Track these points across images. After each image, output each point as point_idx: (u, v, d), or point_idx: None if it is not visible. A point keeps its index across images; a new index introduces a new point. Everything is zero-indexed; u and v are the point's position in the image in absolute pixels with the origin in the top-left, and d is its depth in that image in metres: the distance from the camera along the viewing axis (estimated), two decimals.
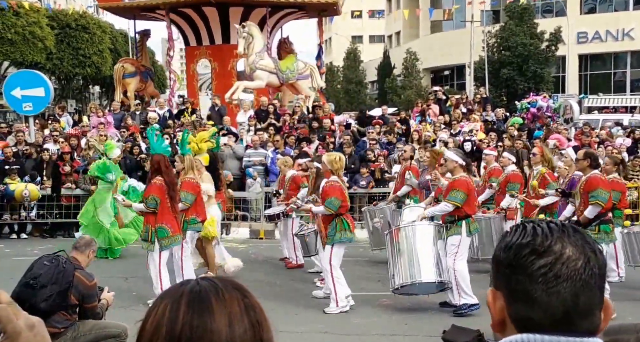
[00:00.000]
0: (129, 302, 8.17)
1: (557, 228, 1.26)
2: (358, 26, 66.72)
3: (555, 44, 38.00)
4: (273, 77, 18.14)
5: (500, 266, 1.28)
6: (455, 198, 7.60)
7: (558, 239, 1.24)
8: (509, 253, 1.26)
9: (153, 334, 1.14)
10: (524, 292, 1.23)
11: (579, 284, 1.21)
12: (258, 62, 17.75)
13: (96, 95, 47.00)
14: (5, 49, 29.77)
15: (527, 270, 1.23)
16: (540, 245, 1.24)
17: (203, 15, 19.89)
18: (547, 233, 1.25)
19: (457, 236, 7.68)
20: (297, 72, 18.54)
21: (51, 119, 16.85)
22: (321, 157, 8.37)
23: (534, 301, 1.22)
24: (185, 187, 8.29)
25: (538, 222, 1.29)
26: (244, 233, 13.71)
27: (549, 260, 1.22)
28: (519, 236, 1.27)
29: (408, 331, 7.15)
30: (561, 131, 16.25)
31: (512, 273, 1.25)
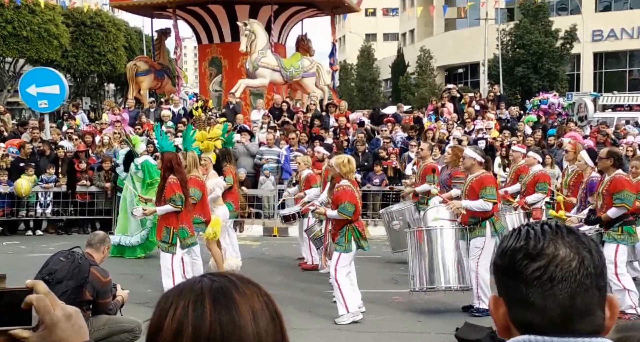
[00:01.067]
0: (144, 299, 8.21)
1: (551, 230, 1.26)
2: (372, 24, 66.59)
3: (570, 42, 37.76)
4: (277, 75, 18.10)
5: (498, 272, 1.28)
6: (492, 195, 7.38)
7: (551, 241, 1.23)
8: (505, 259, 1.26)
9: (176, 333, 1.10)
10: (521, 296, 1.23)
11: (575, 285, 1.21)
12: (260, 59, 17.74)
13: (111, 93, 47.25)
14: (20, 46, 29.99)
15: (521, 275, 1.23)
16: (533, 248, 1.23)
17: (211, 13, 19.98)
18: (539, 236, 1.24)
19: (482, 237, 7.41)
20: (302, 70, 18.46)
21: (66, 116, 16.98)
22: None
23: (532, 305, 1.22)
24: (192, 184, 8.11)
25: (533, 225, 1.29)
26: (257, 231, 13.76)
27: (542, 263, 1.22)
28: (514, 240, 1.27)
29: (421, 329, 7.14)
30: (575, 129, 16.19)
31: (509, 279, 1.25)
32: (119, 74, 37.32)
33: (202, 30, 20.76)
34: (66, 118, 16.85)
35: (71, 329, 1.21)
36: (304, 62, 18.72)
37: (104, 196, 13.51)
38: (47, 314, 1.19)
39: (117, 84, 43.60)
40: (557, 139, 15.12)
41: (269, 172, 14.43)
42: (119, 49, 36.69)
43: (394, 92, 50.52)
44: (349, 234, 7.26)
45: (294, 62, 18.59)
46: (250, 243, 12.47)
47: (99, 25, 35.29)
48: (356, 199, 7.34)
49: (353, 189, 7.37)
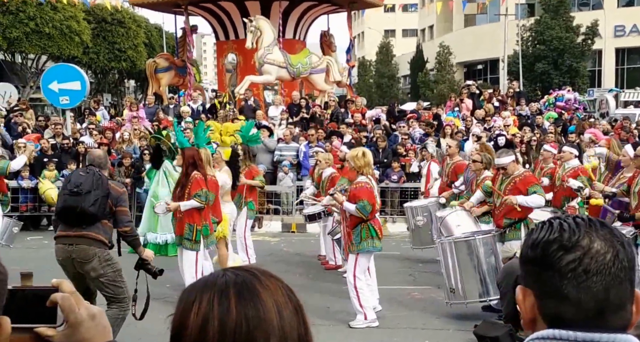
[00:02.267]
0: (162, 295, 8.28)
1: (585, 223, 1.25)
2: (391, 20, 66.29)
3: (592, 37, 37.36)
4: (283, 71, 18.02)
5: (528, 263, 1.27)
6: (541, 190, 7.20)
7: (586, 233, 1.23)
8: (537, 250, 1.25)
9: (202, 328, 1.10)
10: (554, 288, 1.22)
11: (609, 278, 1.21)
12: (266, 56, 17.69)
13: (131, 90, 47.61)
14: (43, 43, 30.31)
15: (555, 266, 1.22)
16: (568, 240, 1.23)
17: (224, 9, 20.04)
18: (574, 228, 1.24)
19: (517, 241, 7.16)
20: (310, 66, 18.33)
21: (87, 112, 17.14)
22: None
23: (565, 297, 1.21)
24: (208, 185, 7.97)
25: (564, 218, 1.29)
26: (275, 227, 13.80)
27: (578, 255, 1.22)
28: (546, 233, 1.26)
29: (439, 325, 7.13)
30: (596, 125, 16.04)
31: (541, 270, 1.24)
32: (139, 70, 37.55)
33: (218, 26, 20.87)
34: (87, 114, 17.01)
35: (95, 329, 1.22)
36: (312, 58, 18.53)
37: None
38: (71, 313, 1.20)
39: (137, 81, 43.93)
40: (577, 135, 14.99)
41: (287, 168, 14.46)
42: (139, 46, 36.95)
43: (412, 89, 50.37)
44: (364, 232, 6.98)
45: (301, 59, 18.44)
46: (269, 239, 12.52)
47: (119, 22, 35.56)
48: (374, 198, 6.99)
49: (372, 186, 7.03)
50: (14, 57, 33.35)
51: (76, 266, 5.75)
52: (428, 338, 6.71)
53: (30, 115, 16.87)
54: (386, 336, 6.81)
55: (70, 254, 5.68)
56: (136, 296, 5.71)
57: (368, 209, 6.85)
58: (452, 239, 7.38)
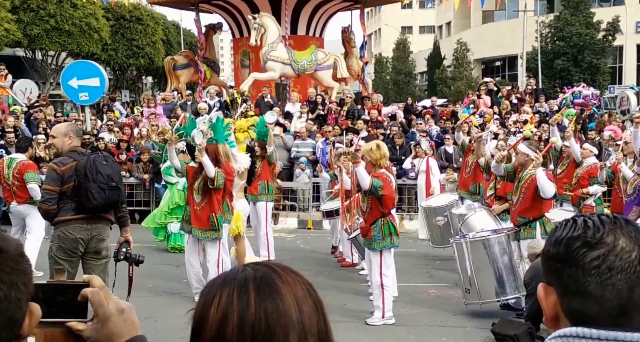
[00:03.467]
0: (180, 290, 8.34)
1: (609, 220, 1.24)
2: (408, 16, 66.05)
3: (613, 33, 36.95)
4: (287, 68, 18.02)
5: (551, 260, 1.26)
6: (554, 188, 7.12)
7: (610, 231, 1.21)
8: (560, 247, 1.24)
9: (221, 322, 1.12)
10: (577, 285, 1.21)
11: (634, 276, 1.19)
12: (269, 53, 17.73)
13: (148, 86, 47.87)
14: (62, 40, 30.59)
15: (579, 263, 1.21)
16: (592, 237, 1.21)
17: (235, 7, 20.09)
18: (598, 225, 1.23)
19: (532, 240, 7.11)
20: (315, 63, 18.26)
21: (106, 108, 17.27)
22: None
23: (588, 294, 1.20)
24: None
25: (589, 215, 1.27)
26: (292, 223, 13.82)
27: (602, 252, 1.20)
28: (570, 230, 1.24)
29: (457, 323, 7.10)
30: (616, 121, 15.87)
31: (564, 267, 1.22)
32: (156, 67, 37.75)
33: (233, 24, 20.97)
34: (106, 110, 17.14)
35: (123, 323, 1.25)
36: (317, 55, 18.44)
37: (142, 187, 13.72)
38: (100, 308, 1.23)
39: (154, 77, 44.15)
40: (597, 132, 14.86)
41: (304, 165, 14.47)
42: (157, 43, 37.13)
43: (429, 86, 50.13)
44: (385, 228, 6.90)
45: (306, 55, 18.40)
46: (285, 236, 12.54)
47: (137, 19, 35.77)
48: (392, 189, 6.87)
49: (391, 180, 6.92)
50: (34, 54, 33.67)
51: (95, 243, 5.89)
52: (445, 336, 6.69)
53: (50, 111, 17.02)
54: (403, 333, 6.79)
55: (91, 231, 5.85)
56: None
57: (380, 192, 6.71)
58: (467, 239, 7.32)
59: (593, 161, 9.38)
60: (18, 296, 1.14)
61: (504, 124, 15.80)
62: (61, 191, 5.69)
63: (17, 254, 1.16)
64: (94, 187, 5.66)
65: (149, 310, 7.36)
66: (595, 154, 9.54)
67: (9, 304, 1.12)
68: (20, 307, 1.15)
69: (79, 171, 5.67)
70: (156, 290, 8.30)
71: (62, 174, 5.68)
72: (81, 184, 5.66)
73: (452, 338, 6.58)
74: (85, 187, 5.65)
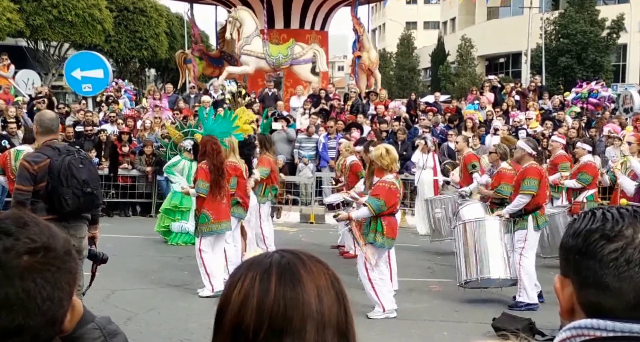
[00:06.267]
0: (181, 282, 8.36)
1: (629, 213, 1.23)
2: (413, 12, 65.95)
3: (617, 31, 36.86)
4: (262, 62, 18.03)
5: (569, 252, 1.25)
6: (530, 187, 7.29)
7: (630, 224, 1.21)
8: (578, 239, 1.24)
9: (242, 304, 1.14)
10: (595, 278, 1.20)
11: None
12: (244, 47, 17.79)
13: (152, 78, 47.83)
14: (65, 30, 30.51)
15: (597, 255, 1.20)
16: (611, 230, 1.21)
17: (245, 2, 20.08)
18: (617, 218, 1.22)
19: (523, 230, 7.38)
20: (291, 57, 18.19)
21: (111, 99, 17.26)
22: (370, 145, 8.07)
23: (605, 286, 1.20)
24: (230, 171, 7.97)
25: (608, 208, 1.27)
26: (294, 217, 13.82)
27: (620, 244, 1.19)
28: (588, 222, 1.24)
29: (458, 318, 7.12)
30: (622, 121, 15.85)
31: (582, 259, 1.22)
32: (160, 59, 37.72)
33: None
34: (110, 102, 17.13)
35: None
36: (294, 49, 18.31)
37: (145, 179, 13.73)
38: None
39: (157, 69, 44.10)
40: (597, 130, 14.86)
41: (307, 159, 14.47)
42: (161, 35, 37.06)
43: (433, 82, 50.05)
44: (372, 224, 6.93)
45: (282, 49, 18.34)
46: (287, 230, 12.54)
47: (141, 11, 35.71)
48: (392, 198, 6.84)
49: (394, 186, 6.88)
50: (36, 45, 33.62)
51: (76, 242, 5.41)
52: (447, 330, 6.70)
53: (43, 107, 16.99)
54: (405, 327, 6.80)
55: (68, 230, 5.32)
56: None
57: (379, 204, 6.79)
58: (462, 222, 7.82)
59: (588, 159, 9.46)
60: (61, 295, 1.13)
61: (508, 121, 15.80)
62: (34, 189, 5.29)
63: (64, 252, 1.15)
64: (68, 193, 5.24)
65: (152, 302, 7.37)
66: (589, 151, 9.61)
67: (51, 304, 1.12)
68: (63, 306, 1.15)
69: (52, 173, 5.24)
70: (159, 282, 8.32)
71: (35, 173, 5.25)
72: (54, 188, 5.25)
73: (453, 333, 6.59)
74: (58, 193, 5.24)
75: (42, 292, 1.10)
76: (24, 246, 1.11)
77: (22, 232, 1.12)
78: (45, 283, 1.11)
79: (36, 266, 1.11)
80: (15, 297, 1.09)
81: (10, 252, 1.10)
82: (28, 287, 1.09)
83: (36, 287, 1.10)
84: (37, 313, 1.11)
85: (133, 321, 6.63)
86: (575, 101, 17.94)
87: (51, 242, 1.13)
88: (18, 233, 1.12)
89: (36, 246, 1.12)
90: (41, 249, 1.12)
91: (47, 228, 1.16)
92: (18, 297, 1.09)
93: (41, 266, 1.11)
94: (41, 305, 1.10)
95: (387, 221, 6.95)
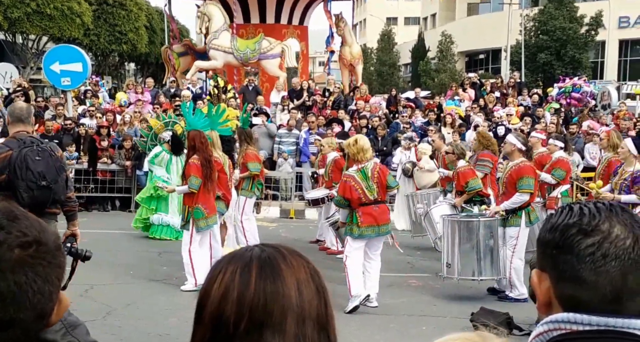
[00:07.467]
0: (161, 277, 8.34)
1: (605, 208, 1.25)
2: (393, 7, 66.08)
3: (596, 28, 37.21)
4: (230, 57, 18.04)
5: (546, 247, 1.27)
6: (529, 185, 7.32)
7: (606, 218, 1.22)
8: (555, 234, 1.25)
9: (222, 297, 1.15)
10: (572, 272, 1.22)
11: (628, 263, 1.20)
12: (212, 41, 17.80)
13: (131, 73, 47.46)
14: (44, 24, 30.14)
15: (574, 250, 1.22)
16: (588, 224, 1.22)
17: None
18: (594, 213, 1.23)
19: (516, 227, 7.43)
20: (259, 52, 18.14)
21: (89, 94, 17.11)
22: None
23: (582, 280, 1.21)
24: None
25: (585, 203, 1.28)
26: (274, 212, 13.82)
27: (597, 239, 1.21)
28: (565, 217, 1.25)
29: (437, 313, 7.18)
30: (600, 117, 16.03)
31: (559, 253, 1.23)
32: (139, 53, 37.42)
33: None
34: (89, 96, 16.99)
35: None
36: (262, 43, 18.23)
37: (124, 174, 13.66)
38: None
39: (137, 64, 43.75)
40: (578, 127, 15.02)
41: (287, 154, 14.47)
42: (140, 29, 36.77)
43: (413, 77, 50.18)
44: (349, 218, 7.12)
45: (250, 44, 18.30)
46: (267, 225, 12.53)
47: (120, 4, 35.38)
48: (352, 192, 6.95)
49: (354, 179, 6.97)
50: (14, 38, 33.19)
51: None
52: (425, 325, 6.76)
53: (31, 95, 16.82)
54: (384, 322, 6.85)
55: None
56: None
57: (342, 202, 7.08)
58: (456, 218, 7.74)
59: (560, 155, 9.51)
60: (51, 289, 1.14)
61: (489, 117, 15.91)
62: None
63: (55, 247, 1.15)
64: (22, 185, 5.07)
65: (131, 297, 7.35)
66: (561, 147, 9.65)
67: (41, 297, 1.12)
68: (52, 300, 1.15)
69: (10, 165, 5.07)
70: (139, 277, 8.29)
71: None
72: (11, 181, 5.07)
73: (432, 327, 6.64)
74: (14, 185, 5.07)
75: (33, 286, 1.11)
76: (15, 240, 1.11)
77: (13, 226, 1.12)
78: (37, 277, 1.11)
79: (27, 260, 1.11)
80: (7, 291, 1.09)
81: (2, 245, 1.10)
82: (20, 281, 1.10)
83: (28, 280, 1.10)
84: (28, 307, 1.11)
85: (112, 315, 6.62)
86: (559, 96, 18.05)
87: (42, 236, 1.13)
88: (9, 227, 1.12)
89: (28, 239, 1.12)
90: (33, 242, 1.12)
91: (37, 222, 1.16)
92: (10, 290, 1.09)
93: (32, 260, 1.11)
94: (32, 298, 1.11)
95: (362, 212, 7.04)
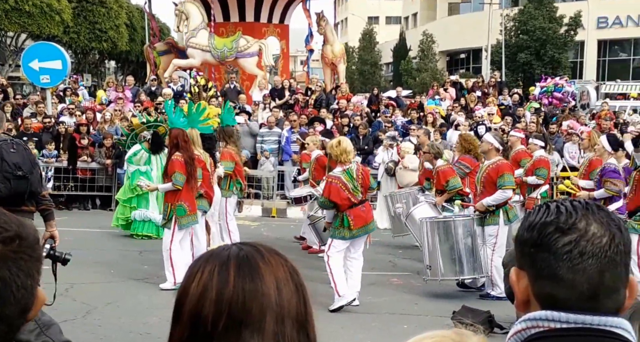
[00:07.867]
0: (142, 276, 8.29)
1: (581, 206, 1.26)
2: (375, 7, 66.15)
3: (575, 28, 37.59)
4: (207, 55, 18.09)
5: (524, 245, 1.27)
6: (510, 182, 7.40)
7: (583, 216, 1.23)
8: (533, 232, 1.25)
9: (201, 296, 1.14)
10: (549, 270, 1.22)
11: (605, 261, 1.21)
12: (189, 39, 17.86)
13: (111, 70, 47.08)
14: (22, 21, 29.80)
15: (551, 248, 1.22)
16: (565, 223, 1.23)
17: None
18: (571, 211, 1.24)
19: (495, 226, 7.48)
20: (236, 50, 18.15)
21: (69, 92, 16.96)
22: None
23: (560, 278, 1.22)
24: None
25: (561, 201, 1.29)
26: (256, 211, 13.77)
27: (574, 237, 1.22)
28: (543, 215, 1.26)
29: (418, 311, 7.21)
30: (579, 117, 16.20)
31: (537, 252, 1.24)
32: (120, 51, 37.11)
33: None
34: (69, 94, 16.84)
35: None
36: (239, 42, 18.24)
37: (104, 172, 13.56)
38: None
39: (117, 61, 43.41)
40: (558, 126, 15.15)
41: (269, 153, 14.45)
42: (121, 26, 36.47)
43: (395, 77, 50.34)
44: (338, 221, 7.06)
45: (227, 43, 18.29)
46: (249, 224, 12.50)
47: (101, 2, 35.05)
48: (338, 194, 6.91)
49: (340, 180, 6.94)
50: None
51: None
52: (407, 323, 6.77)
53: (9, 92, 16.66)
54: (365, 321, 6.86)
55: None
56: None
57: (327, 204, 7.01)
58: (433, 219, 7.74)
59: (540, 154, 9.56)
60: (32, 283, 1.13)
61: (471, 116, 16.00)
62: None
63: (34, 241, 1.15)
64: None
65: (111, 296, 7.30)
66: (541, 146, 9.70)
67: (25, 292, 1.11)
68: (33, 294, 1.15)
69: None
70: (119, 275, 8.23)
71: None
72: None
73: (413, 326, 6.65)
74: None
75: (17, 281, 1.10)
76: None
77: None
78: (20, 272, 1.10)
79: (10, 255, 1.10)
80: None
81: None
82: (4, 276, 1.09)
83: (11, 276, 1.09)
84: (13, 302, 1.10)
85: (92, 314, 6.57)
86: (541, 95, 18.19)
87: (22, 230, 1.13)
88: None
89: (9, 235, 1.11)
90: (15, 237, 1.11)
91: (14, 217, 1.15)
92: None
93: (15, 255, 1.10)
94: (16, 293, 1.10)
95: (353, 215, 7.01)
